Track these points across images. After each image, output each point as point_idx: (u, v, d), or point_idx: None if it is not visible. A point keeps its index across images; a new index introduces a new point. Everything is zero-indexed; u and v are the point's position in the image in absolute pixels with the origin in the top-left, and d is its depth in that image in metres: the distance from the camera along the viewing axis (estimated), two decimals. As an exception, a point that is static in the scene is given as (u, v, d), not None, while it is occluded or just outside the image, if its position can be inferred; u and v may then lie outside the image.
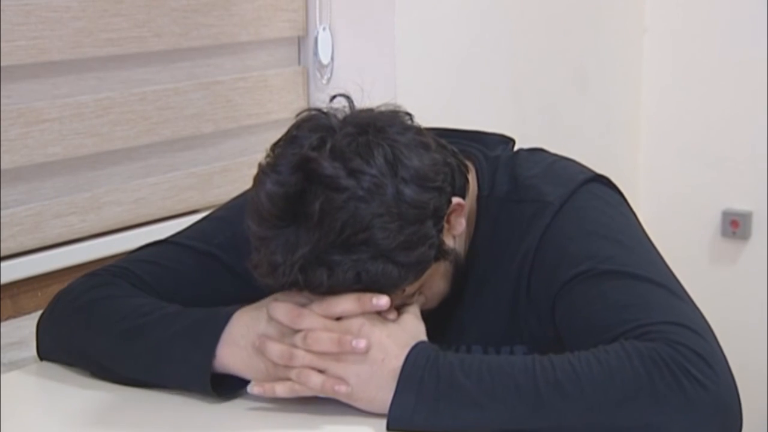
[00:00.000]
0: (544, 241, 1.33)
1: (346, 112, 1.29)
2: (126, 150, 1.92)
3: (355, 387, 1.23)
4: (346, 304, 1.24)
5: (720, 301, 2.93)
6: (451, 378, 1.20)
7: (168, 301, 1.38)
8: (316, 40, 2.22)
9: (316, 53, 2.22)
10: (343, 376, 1.23)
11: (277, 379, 1.26)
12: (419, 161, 1.24)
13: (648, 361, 1.17)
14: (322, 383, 1.23)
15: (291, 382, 1.24)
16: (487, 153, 1.42)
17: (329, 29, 2.22)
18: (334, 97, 1.30)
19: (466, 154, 1.40)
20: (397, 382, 1.21)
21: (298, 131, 1.26)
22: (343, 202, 1.20)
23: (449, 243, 1.32)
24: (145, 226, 1.96)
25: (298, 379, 1.24)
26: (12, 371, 1.50)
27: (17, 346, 1.70)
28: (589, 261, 1.28)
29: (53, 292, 1.47)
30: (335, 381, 1.23)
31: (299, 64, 2.24)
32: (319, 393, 1.24)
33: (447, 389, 1.20)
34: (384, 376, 1.22)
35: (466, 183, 1.36)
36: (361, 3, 2.22)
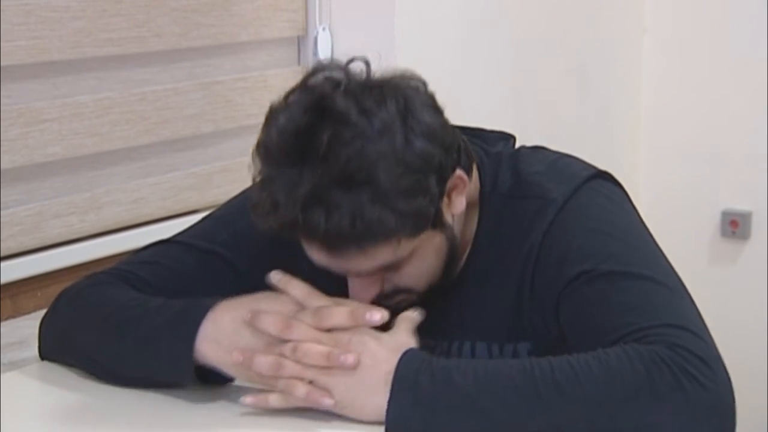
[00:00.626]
0: (547, 238, 1.32)
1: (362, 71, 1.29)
2: (126, 150, 1.92)
3: (343, 397, 1.21)
4: (338, 317, 1.24)
5: (720, 301, 2.94)
6: (447, 378, 1.19)
7: (169, 292, 1.37)
8: (315, 40, 2.22)
9: (315, 53, 2.22)
10: (330, 387, 1.22)
11: (261, 381, 1.26)
12: (430, 118, 1.26)
13: (648, 361, 1.17)
14: (306, 394, 1.22)
15: (280, 394, 1.24)
16: (489, 149, 1.42)
17: (329, 29, 2.23)
18: (351, 60, 1.29)
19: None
20: (392, 384, 1.19)
21: (312, 77, 1.27)
22: (350, 138, 1.20)
23: (448, 219, 1.32)
24: (144, 226, 1.96)
25: (285, 389, 1.23)
26: (12, 371, 1.50)
27: (17, 346, 1.70)
28: (592, 259, 1.28)
29: (53, 292, 1.48)
30: (320, 393, 1.22)
31: (299, 64, 2.24)
32: (304, 404, 1.23)
33: (444, 389, 1.19)
34: (374, 382, 1.21)
35: (471, 166, 1.36)
36: (361, 3, 2.22)
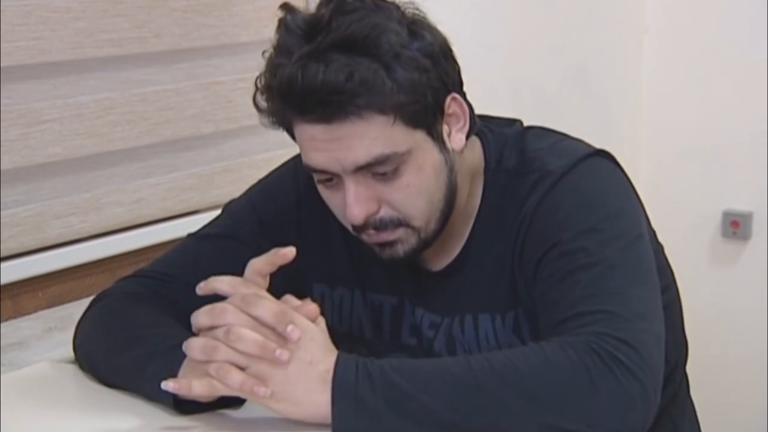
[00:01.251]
0: (540, 208, 1.34)
1: None
2: (126, 150, 1.92)
3: (279, 389, 1.18)
4: (263, 309, 1.20)
5: (720, 302, 2.95)
6: (386, 380, 1.17)
7: (205, 298, 1.33)
8: (316, 40, 2.21)
9: (316, 53, 2.21)
10: (265, 377, 1.18)
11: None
12: (433, 36, 1.32)
13: (581, 351, 1.17)
14: (241, 382, 1.18)
15: (209, 380, 1.19)
16: (494, 129, 1.44)
17: (329, 29, 2.22)
18: None
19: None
20: (333, 391, 1.18)
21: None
22: (353, 8, 1.26)
23: (447, 144, 1.34)
24: (145, 227, 1.96)
25: (216, 375, 1.18)
26: (12, 372, 1.50)
27: (17, 346, 1.70)
28: (569, 231, 1.30)
29: (54, 292, 1.48)
30: (255, 381, 1.18)
31: (299, 64, 2.24)
32: (238, 393, 1.19)
33: (384, 392, 1.17)
34: (313, 379, 1.19)
35: (473, 125, 1.38)
36: (361, 3, 2.22)
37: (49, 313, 1.82)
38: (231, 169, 2.08)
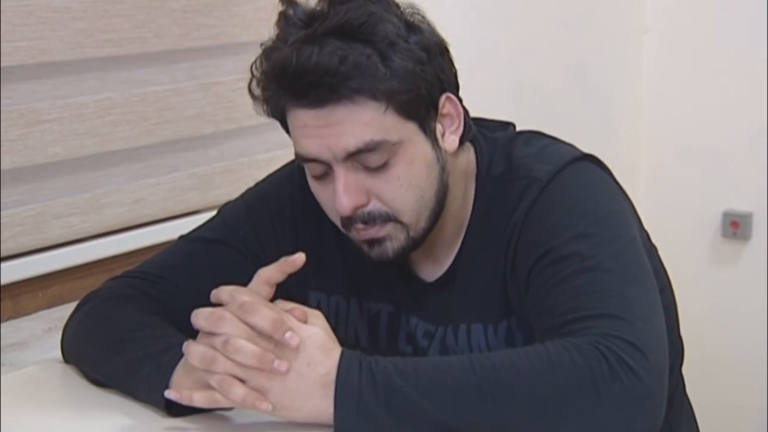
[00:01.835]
0: (529, 215, 1.34)
1: None
2: (126, 151, 1.92)
3: (279, 399, 1.18)
4: (260, 318, 1.19)
5: (720, 302, 2.95)
6: (389, 384, 1.16)
7: (196, 299, 1.33)
8: (316, 40, 2.21)
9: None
10: (265, 388, 1.18)
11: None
12: (431, 32, 1.34)
13: (587, 354, 1.17)
14: (243, 397, 1.17)
15: (210, 392, 1.19)
16: (487, 134, 1.44)
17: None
18: None
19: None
20: (335, 393, 1.17)
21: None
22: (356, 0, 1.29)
23: (441, 143, 1.34)
24: (145, 227, 1.96)
25: (219, 388, 1.18)
26: (12, 372, 1.50)
27: (17, 346, 1.70)
28: (560, 238, 1.29)
29: (54, 292, 1.48)
30: (257, 396, 1.17)
31: (300, 64, 2.24)
32: (240, 406, 1.19)
33: (387, 397, 1.16)
34: (310, 385, 1.18)
35: (468, 132, 1.39)
36: (361, 3, 2.22)
37: (49, 314, 1.82)
38: (231, 169, 2.08)
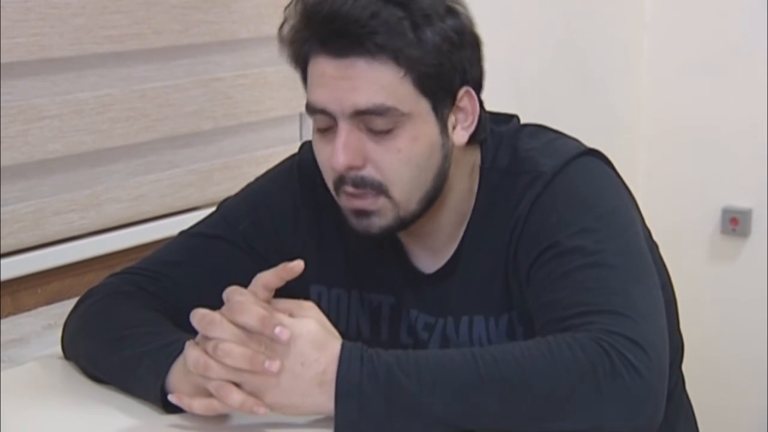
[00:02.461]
0: (533, 209, 1.34)
1: None
2: (126, 147, 1.92)
3: (275, 401, 1.18)
4: (248, 317, 1.18)
5: (720, 299, 2.95)
6: (390, 379, 1.16)
7: (196, 296, 1.35)
8: (316, 37, 2.21)
9: (316, 50, 2.21)
10: (261, 391, 1.18)
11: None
12: (469, 23, 1.36)
13: (589, 349, 1.17)
14: (241, 402, 1.17)
15: (209, 400, 1.19)
16: (492, 127, 1.44)
17: (329, 26, 2.22)
18: None
19: None
20: (336, 388, 1.16)
21: None
22: None
23: (450, 133, 1.35)
24: (144, 224, 1.96)
25: (217, 394, 1.18)
26: (12, 368, 1.50)
27: (17, 343, 1.70)
28: (563, 232, 1.30)
29: (53, 289, 1.48)
30: (254, 402, 1.17)
31: (299, 61, 2.24)
32: (238, 411, 1.19)
33: (389, 393, 1.16)
34: (306, 384, 1.17)
35: (482, 121, 1.39)
36: (361, 0, 2.21)
37: (49, 310, 1.82)
38: (230, 165, 2.08)
